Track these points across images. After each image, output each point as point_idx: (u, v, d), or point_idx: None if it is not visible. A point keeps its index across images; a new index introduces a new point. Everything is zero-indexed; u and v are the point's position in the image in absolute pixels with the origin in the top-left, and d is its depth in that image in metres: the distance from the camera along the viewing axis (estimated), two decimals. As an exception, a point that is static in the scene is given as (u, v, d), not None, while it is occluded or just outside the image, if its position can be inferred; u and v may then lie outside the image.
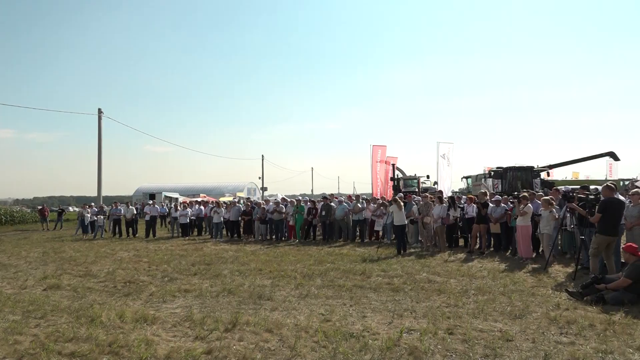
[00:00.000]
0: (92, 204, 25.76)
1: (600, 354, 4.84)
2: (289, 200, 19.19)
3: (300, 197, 21.10)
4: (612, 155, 26.17)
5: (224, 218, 19.23)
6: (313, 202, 18.48)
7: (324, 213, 16.95)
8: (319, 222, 17.43)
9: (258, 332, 5.86)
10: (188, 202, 25.54)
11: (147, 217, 21.44)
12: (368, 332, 5.78)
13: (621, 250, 7.85)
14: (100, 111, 32.70)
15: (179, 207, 21.29)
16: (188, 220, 20.55)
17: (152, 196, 46.73)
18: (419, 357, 4.89)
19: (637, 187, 12.81)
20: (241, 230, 19.32)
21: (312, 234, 17.78)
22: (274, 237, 18.08)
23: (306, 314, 6.69)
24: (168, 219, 24.08)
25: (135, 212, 22.10)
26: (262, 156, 64.39)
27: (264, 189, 63.32)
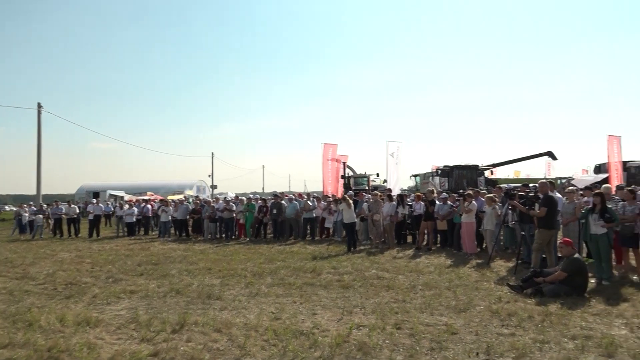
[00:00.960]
0: (31, 202, 24.59)
1: (538, 344, 5.07)
2: (239, 198, 18.99)
3: (251, 195, 20.93)
4: (551, 155, 27.49)
5: (172, 217, 18.81)
6: (264, 200, 18.37)
7: (274, 211, 16.88)
8: (270, 221, 17.35)
9: (207, 332, 5.76)
10: (134, 200, 24.80)
11: (91, 217, 20.63)
12: (318, 329, 5.81)
13: (558, 245, 8.27)
14: (39, 105, 31.25)
15: (124, 206, 20.63)
16: (134, 219, 19.98)
17: (96, 194, 45.22)
18: (368, 353, 4.96)
19: (573, 185, 13.51)
20: (190, 229, 18.95)
21: (262, 232, 17.68)
22: (223, 235, 17.84)
23: (256, 313, 6.64)
24: (113, 218, 23.29)
25: (77, 210, 21.23)
26: (212, 154, 63.46)
27: (213, 187, 62.39)
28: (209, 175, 63.53)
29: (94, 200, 25.02)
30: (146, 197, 28.87)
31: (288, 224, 16.97)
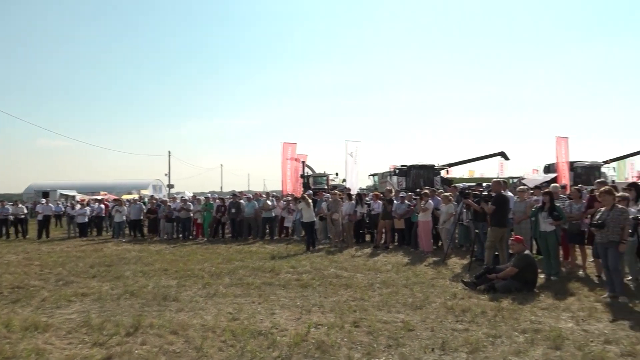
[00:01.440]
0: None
1: (491, 338, 5.23)
2: (197, 197, 18.70)
3: (209, 195, 20.62)
4: (503, 155, 28.36)
5: (126, 217, 18.32)
6: (222, 200, 18.17)
7: (233, 211, 16.73)
8: (228, 220, 17.18)
9: (162, 334, 5.64)
10: (87, 200, 24.00)
11: (40, 217, 19.80)
12: (276, 328, 5.79)
13: (509, 242, 8.57)
14: (-17, 101, 29.74)
15: (76, 206, 19.93)
16: (86, 220, 19.33)
17: (45, 194, 43.53)
18: (326, 351, 4.98)
19: (524, 184, 13.99)
20: (145, 229, 18.52)
21: (220, 232, 17.49)
22: (180, 235, 17.53)
23: (213, 314, 6.56)
24: (64, 218, 22.47)
25: (25, 211, 20.35)
26: (169, 152, 62.14)
27: (170, 186, 61.07)
28: (166, 174, 62.16)
29: (44, 200, 24.09)
30: (99, 197, 27.97)
31: (247, 224, 16.85)
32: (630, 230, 7.13)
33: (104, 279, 9.52)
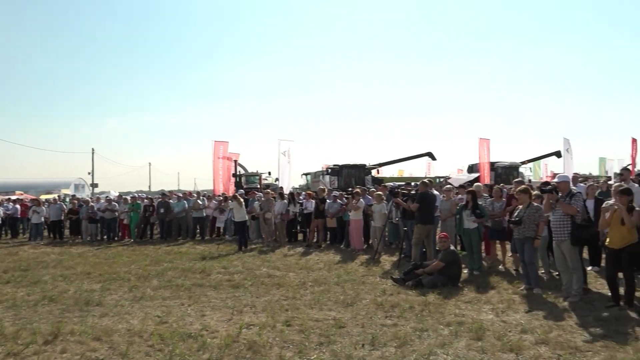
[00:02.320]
0: None
1: (418, 332, 5.42)
2: (122, 197, 17.95)
3: (136, 194, 19.84)
4: (430, 156, 29.40)
5: (45, 218, 17.25)
6: (151, 199, 17.57)
7: (162, 210, 16.21)
8: (157, 220, 16.64)
9: (84, 341, 5.37)
10: (0, 200, 22.34)
11: (-55, 219, 18.21)
12: (207, 330, 5.68)
13: (436, 238, 8.91)
14: None
15: (-13, 207, 18.51)
16: (0, 221, 18.00)
17: (-48, 194, 40.01)
18: (258, 351, 4.95)
19: (450, 184, 14.60)
20: (66, 230, 17.52)
21: (148, 232, 16.90)
22: (105, 237, 16.74)
23: (140, 318, 6.33)
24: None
25: None
26: (93, 150, 59.11)
27: (94, 185, 58.15)
28: (89, 173, 59.09)
29: (-50, 201, 22.11)
30: (14, 197, 26.12)
31: (176, 224, 16.40)
32: None
33: (19, 284, 8.91)
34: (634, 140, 23.28)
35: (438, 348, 4.91)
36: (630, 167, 21.64)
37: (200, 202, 16.18)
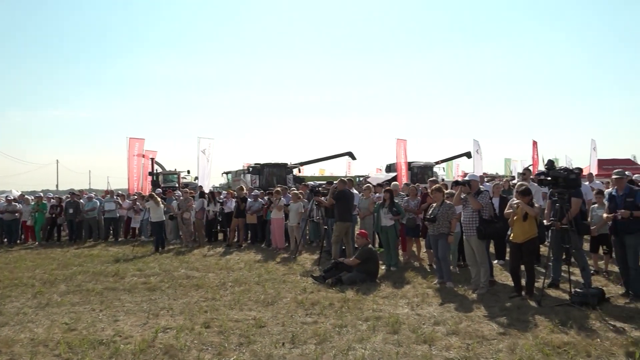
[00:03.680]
0: None
1: (337, 329, 5.52)
2: (25, 197, 16.69)
3: (41, 194, 18.50)
4: (351, 155, 29.96)
5: None
6: (59, 199, 16.48)
7: (71, 211, 15.25)
8: (65, 221, 15.64)
9: (-20, 354, 4.93)
10: None
11: None
12: (120, 336, 5.43)
13: (355, 236, 9.12)
14: None
15: None
16: None
17: None
18: (175, 355, 4.81)
19: (369, 182, 14.95)
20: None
21: (56, 234, 15.85)
22: (5, 240, 15.46)
23: (46, 326, 5.92)
24: None
25: None
26: (-9, 145, 54.41)
27: (-7, 184, 53.59)
28: (-13, 171, 54.40)
29: None
30: None
31: (87, 225, 15.50)
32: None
33: None
34: (535, 143, 25.15)
35: (356, 343, 5.02)
36: (531, 168, 23.40)
37: (114, 202, 15.40)
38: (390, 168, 29.33)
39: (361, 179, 27.84)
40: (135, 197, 16.10)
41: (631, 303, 6.26)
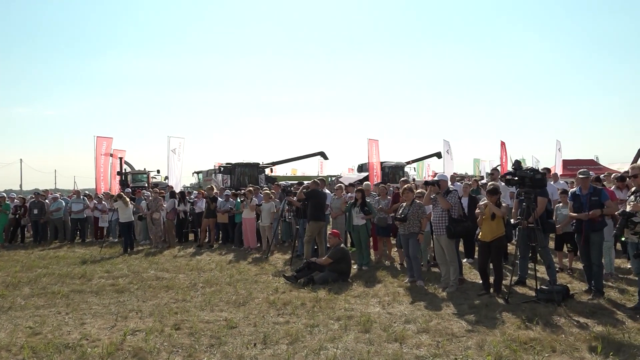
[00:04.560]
0: None
1: (309, 328, 5.52)
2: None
3: (4, 194, 17.92)
4: (323, 155, 30.00)
5: None
6: (23, 200, 16.01)
7: (35, 211, 14.84)
8: (29, 222, 15.20)
9: (-62, 360, 4.75)
10: None
11: None
12: (87, 339, 5.31)
13: (328, 236, 9.15)
14: None
15: None
16: None
17: None
18: (144, 358, 4.73)
19: (341, 182, 15.00)
20: None
21: (19, 236, 15.38)
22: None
23: (9, 330, 5.74)
24: None
25: None
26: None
27: (-48, 184, 51.60)
28: (-54, 170, 52.40)
29: None
30: None
31: (52, 226, 15.10)
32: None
33: None
34: (503, 143, 25.64)
35: (328, 342, 5.04)
36: (499, 168, 23.85)
37: (82, 202, 15.03)
38: (362, 168, 29.46)
39: (333, 178, 27.94)
40: (101, 196, 15.78)
41: (594, 299, 6.47)
